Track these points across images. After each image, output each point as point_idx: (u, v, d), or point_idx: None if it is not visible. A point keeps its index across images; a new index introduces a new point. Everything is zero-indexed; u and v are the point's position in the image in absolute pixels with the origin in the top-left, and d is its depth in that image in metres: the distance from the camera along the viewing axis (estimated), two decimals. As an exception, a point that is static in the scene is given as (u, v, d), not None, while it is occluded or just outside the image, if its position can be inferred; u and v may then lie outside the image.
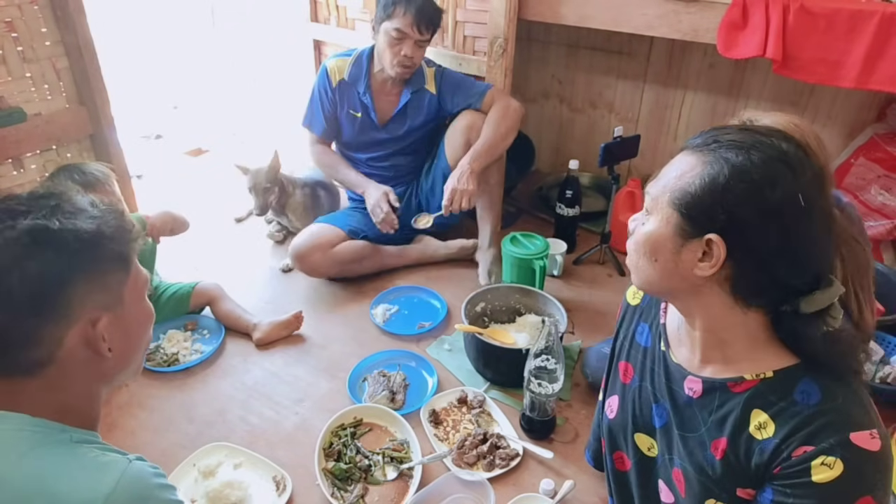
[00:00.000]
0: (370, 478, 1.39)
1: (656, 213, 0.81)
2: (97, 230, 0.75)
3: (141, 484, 0.72)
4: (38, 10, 1.78)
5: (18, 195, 0.77)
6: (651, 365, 0.98)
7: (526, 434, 1.52)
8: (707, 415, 0.85)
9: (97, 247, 0.75)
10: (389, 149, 2.17)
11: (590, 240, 2.29)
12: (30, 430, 0.72)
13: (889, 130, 2.01)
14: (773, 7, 1.62)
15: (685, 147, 0.82)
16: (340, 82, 2.09)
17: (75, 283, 0.73)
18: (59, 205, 0.75)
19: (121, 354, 0.80)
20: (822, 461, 0.72)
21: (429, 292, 2.05)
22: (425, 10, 1.90)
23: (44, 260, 0.71)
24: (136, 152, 2.90)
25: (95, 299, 0.75)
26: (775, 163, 0.73)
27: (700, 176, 0.75)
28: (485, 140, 1.96)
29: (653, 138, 2.50)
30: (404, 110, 2.10)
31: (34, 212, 0.73)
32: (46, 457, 0.70)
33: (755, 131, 0.77)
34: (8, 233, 0.70)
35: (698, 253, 0.77)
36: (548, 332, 1.40)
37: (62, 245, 0.72)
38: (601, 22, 1.96)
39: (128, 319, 0.80)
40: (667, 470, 0.94)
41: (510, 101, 2.03)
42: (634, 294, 1.08)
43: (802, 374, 0.78)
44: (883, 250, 2.04)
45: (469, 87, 2.07)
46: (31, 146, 1.84)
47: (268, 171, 2.20)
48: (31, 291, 0.70)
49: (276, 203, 2.29)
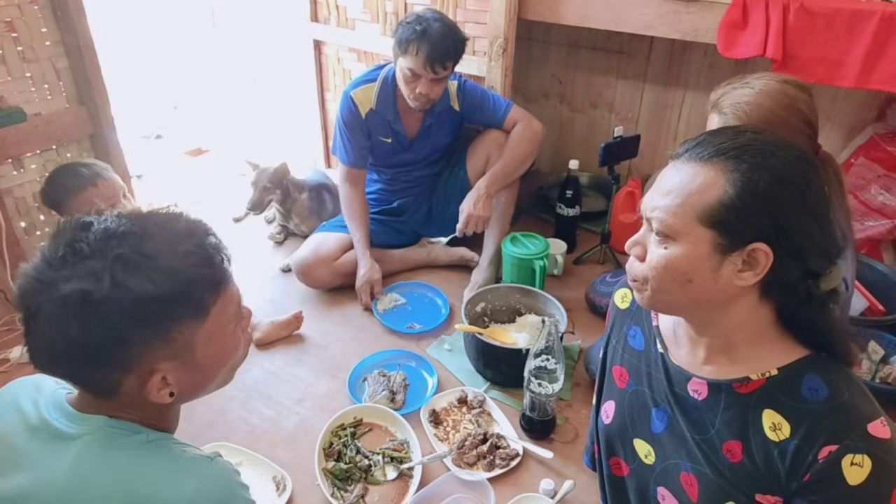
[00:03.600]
0: (370, 478, 1.39)
1: (681, 235, 0.76)
2: (155, 293, 0.67)
3: (222, 484, 0.72)
4: (38, 10, 1.78)
5: (94, 225, 0.70)
6: (647, 368, 0.96)
7: (526, 434, 1.52)
8: (714, 416, 0.84)
9: (157, 308, 0.69)
10: (414, 165, 2.18)
11: (590, 240, 2.29)
12: (107, 430, 0.71)
13: (889, 130, 2.00)
14: (773, 7, 1.62)
15: (684, 159, 0.78)
16: (370, 112, 2.00)
17: (127, 344, 0.69)
18: (122, 255, 0.67)
19: (191, 389, 0.78)
20: (850, 461, 0.72)
21: (437, 292, 2.04)
22: (439, 48, 1.76)
23: (87, 326, 0.66)
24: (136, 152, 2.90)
25: (155, 354, 0.71)
26: (801, 163, 0.74)
27: (732, 186, 0.72)
28: (503, 164, 1.97)
29: (653, 138, 2.50)
30: (429, 130, 2.08)
31: (94, 259, 0.66)
32: (125, 457, 0.70)
33: (757, 133, 0.77)
34: (57, 289, 0.66)
35: (738, 264, 0.75)
36: (548, 332, 1.40)
37: (109, 311, 0.66)
38: (601, 22, 1.96)
39: (200, 361, 0.75)
40: (670, 476, 0.92)
41: (532, 123, 2.02)
42: (623, 297, 1.06)
43: (805, 369, 0.78)
44: (883, 250, 2.04)
45: (491, 106, 2.05)
46: (31, 146, 1.84)
47: (273, 173, 2.21)
48: (77, 352, 0.67)
49: (281, 206, 2.30)
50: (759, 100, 1.17)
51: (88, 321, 0.66)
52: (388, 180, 2.20)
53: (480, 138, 2.09)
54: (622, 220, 2.22)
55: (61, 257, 0.67)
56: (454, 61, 1.84)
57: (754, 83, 1.20)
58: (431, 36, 1.75)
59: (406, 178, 2.21)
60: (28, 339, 0.70)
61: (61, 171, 1.64)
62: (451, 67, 1.85)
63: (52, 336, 0.67)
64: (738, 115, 1.17)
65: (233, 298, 0.78)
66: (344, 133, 2.05)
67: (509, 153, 1.99)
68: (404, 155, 2.13)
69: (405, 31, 1.78)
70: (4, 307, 1.89)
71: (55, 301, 0.65)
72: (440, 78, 1.84)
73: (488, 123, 2.08)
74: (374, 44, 2.38)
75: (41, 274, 0.67)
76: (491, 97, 2.07)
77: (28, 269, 0.69)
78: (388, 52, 2.22)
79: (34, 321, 0.67)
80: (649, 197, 0.80)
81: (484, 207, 1.92)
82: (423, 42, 1.75)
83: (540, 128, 2.03)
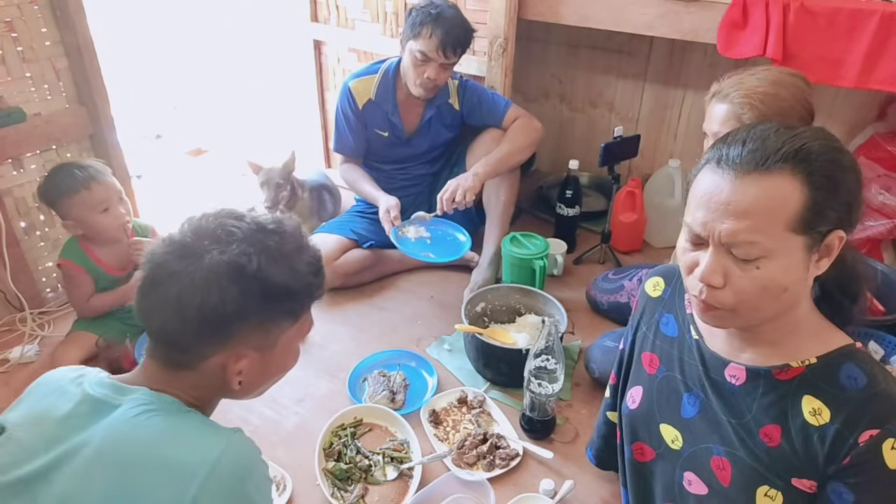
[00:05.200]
0: (370, 478, 1.39)
1: (772, 251, 0.74)
2: (286, 285, 0.79)
3: (246, 454, 0.78)
4: (38, 10, 1.77)
5: (246, 216, 0.81)
6: (680, 355, 0.98)
7: (526, 434, 1.52)
8: (751, 401, 0.85)
9: (279, 299, 0.80)
10: (412, 161, 2.18)
11: (590, 239, 2.29)
12: (147, 398, 0.77)
13: (889, 130, 2.00)
14: (773, 6, 1.62)
15: (741, 171, 0.74)
16: (368, 103, 2.04)
17: (243, 322, 0.78)
18: (269, 247, 0.78)
19: (248, 386, 0.85)
20: (891, 445, 0.73)
21: (460, 230, 2.00)
22: (453, 33, 1.82)
23: (227, 295, 0.75)
24: (136, 152, 2.90)
25: (252, 340, 0.80)
26: (841, 144, 0.77)
27: (810, 187, 0.72)
28: (499, 151, 1.98)
29: (653, 138, 2.50)
30: (428, 126, 2.10)
31: (246, 242, 0.77)
32: (157, 421, 0.75)
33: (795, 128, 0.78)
34: (211, 257, 0.75)
35: (816, 256, 0.77)
36: (548, 332, 1.40)
37: (249, 288, 0.76)
38: (601, 22, 1.96)
39: (272, 361, 0.85)
40: (699, 460, 0.93)
41: (532, 121, 2.05)
42: (655, 286, 1.08)
43: (843, 359, 0.80)
44: (883, 250, 2.03)
45: (490, 105, 2.07)
46: (31, 146, 1.84)
47: (282, 168, 2.21)
48: (204, 314, 0.75)
49: (284, 205, 2.30)
50: (775, 90, 1.19)
51: (230, 291, 0.75)
52: (387, 178, 2.20)
53: (480, 137, 2.10)
54: (622, 220, 2.22)
55: (212, 233, 0.77)
56: (463, 49, 1.89)
57: (762, 74, 1.22)
58: (446, 20, 1.81)
59: (405, 177, 2.21)
60: (147, 300, 0.78)
61: (58, 170, 1.64)
62: (460, 55, 1.90)
63: (187, 298, 0.74)
64: (752, 104, 1.18)
65: (310, 317, 0.89)
66: (341, 123, 2.09)
67: (506, 142, 2.00)
68: (402, 149, 2.13)
69: (419, 15, 1.83)
70: (4, 307, 1.89)
71: (205, 267, 0.74)
72: (449, 63, 1.89)
73: (487, 122, 2.09)
74: (374, 44, 2.38)
75: (190, 242, 0.77)
76: (490, 96, 2.08)
77: (173, 235, 0.79)
78: (387, 52, 2.22)
79: (168, 282, 0.75)
80: (713, 218, 0.75)
81: (468, 178, 1.88)
82: (437, 25, 1.80)
83: (539, 126, 2.04)
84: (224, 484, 0.72)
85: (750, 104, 1.18)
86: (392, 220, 1.94)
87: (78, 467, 0.72)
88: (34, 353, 1.79)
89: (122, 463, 0.72)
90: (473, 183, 1.88)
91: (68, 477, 0.71)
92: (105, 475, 0.71)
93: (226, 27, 3.22)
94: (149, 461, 0.72)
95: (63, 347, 1.68)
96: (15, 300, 1.87)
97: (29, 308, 1.87)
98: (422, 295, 2.07)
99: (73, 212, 1.63)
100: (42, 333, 1.86)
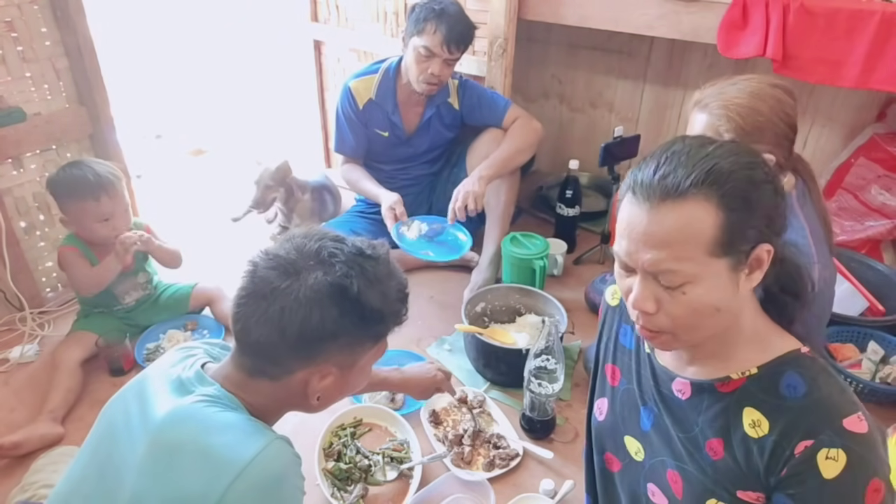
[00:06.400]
0: (370, 478, 1.39)
1: (695, 276, 0.73)
2: (379, 309, 0.83)
3: (280, 463, 0.79)
4: (38, 10, 1.78)
5: (347, 242, 0.84)
6: (637, 367, 0.97)
7: (526, 434, 1.52)
8: (696, 415, 0.85)
9: (371, 322, 0.83)
10: (412, 161, 2.19)
11: (590, 239, 2.29)
12: (214, 393, 0.81)
13: (889, 130, 2.00)
14: (773, 7, 1.62)
15: (657, 200, 0.73)
16: (368, 103, 2.05)
17: (335, 341, 0.81)
18: (367, 271, 0.82)
19: (324, 402, 0.89)
20: (825, 455, 0.72)
21: (462, 229, 1.99)
22: (457, 29, 1.83)
23: (328, 315, 0.78)
24: (136, 152, 2.89)
25: (338, 359, 0.84)
26: (755, 156, 0.76)
27: (725, 209, 0.71)
28: (500, 151, 1.98)
29: (653, 138, 2.50)
30: (428, 125, 2.10)
31: (347, 265, 0.80)
32: (211, 413, 0.79)
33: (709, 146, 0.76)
34: (315, 277, 0.78)
35: (747, 271, 0.76)
36: (548, 332, 1.40)
37: (347, 310, 0.80)
38: (601, 22, 1.96)
39: (348, 381, 0.88)
40: (657, 473, 0.94)
41: (532, 121, 2.05)
42: (614, 294, 1.06)
43: (785, 367, 0.79)
44: (883, 250, 2.04)
45: (490, 104, 2.07)
46: (31, 146, 1.84)
47: (275, 171, 2.21)
48: (304, 332, 0.78)
49: (284, 206, 2.30)
50: (753, 103, 1.15)
51: (331, 311, 0.78)
52: (388, 179, 2.20)
53: (480, 138, 2.10)
54: (622, 220, 2.22)
55: (316, 254, 0.80)
56: (466, 45, 1.90)
57: (743, 84, 1.18)
58: (450, 16, 1.83)
59: (405, 177, 2.21)
60: (246, 310, 0.79)
61: (74, 168, 1.61)
62: (463, 51, 1.91)
63: (289, 314, 0.77)
64: (729, 115, 1.15)
65: (386, 344, 0.91)
66: (342, 124, 2.10)
67: (507, 142, 2.00)
68: (402, 149, 2.13)
69: (422, 11, 1.85)
70: (4, 307, 1.89)
71: (309, 286, 0.77)
72: (453, 59, 1.90)
73: (487, 122, 2.09)
74: (374, 44, 2.38)
75: (294, 260, 0.80)
76: (490, 95, 2.09)
77: (277, 251, 0.81)
78: (388, 52, 2.22)
79: (271, 297, 0.78)
80: (635, 248, 0.75)
81: (475, 183, 1.88)
82: (441, 21, 1.82)
83: (538, 126, 2.05)
84: (251, 487, 0.74)
85: (727, 116, 1.16)
86: (398, 216, 1.94)
87: (142, 437, 0.79)
88: (34, 353, 1.79)
89: (170, 443, 0.77)
90: (481, 188, 1.88)
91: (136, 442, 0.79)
92: (154, 450, 0.77)
93: (226, 27, 3.22)
94: (194, 448, 0.76)
95: (63, 347, 1.68)
96: (15, 300, 1.87)
97: (29, 308, 1.87)
98: (422, 295, 2.07)
99: (74, 213, 1.63)
100: (42, 333, 1.86)
